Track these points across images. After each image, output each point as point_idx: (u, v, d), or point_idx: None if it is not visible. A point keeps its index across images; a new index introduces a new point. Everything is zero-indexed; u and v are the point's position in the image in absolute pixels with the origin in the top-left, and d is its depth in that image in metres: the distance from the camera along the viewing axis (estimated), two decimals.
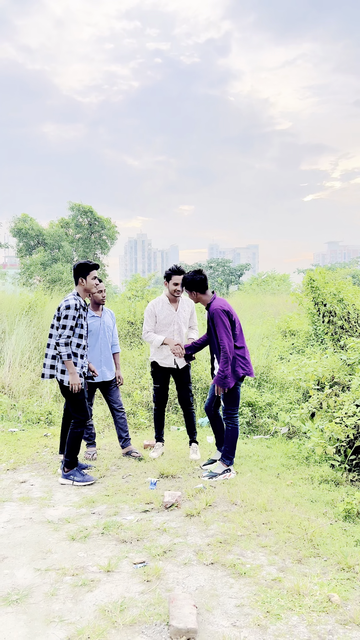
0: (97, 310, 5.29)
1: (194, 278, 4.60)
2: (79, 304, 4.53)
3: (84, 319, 4.65)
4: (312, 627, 2.49)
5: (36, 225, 35.39)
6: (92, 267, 4.64)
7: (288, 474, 4.68)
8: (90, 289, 4.66)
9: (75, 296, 4.58)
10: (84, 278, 4.62)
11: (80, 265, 4.63)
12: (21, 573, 3.01)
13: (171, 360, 5.15)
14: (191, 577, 2.96)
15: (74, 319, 4.47)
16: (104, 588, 2.84)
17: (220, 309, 4.48)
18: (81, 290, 4.65)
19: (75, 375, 4.45)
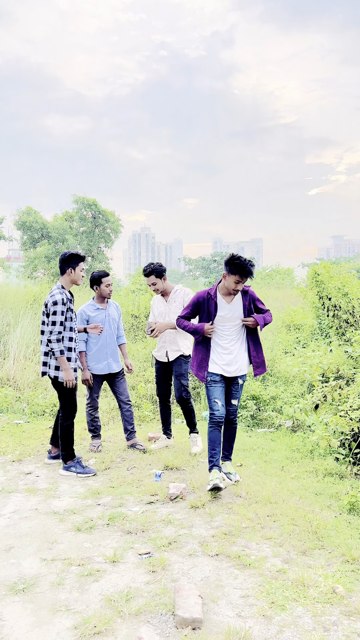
0: (102, 302, 5.30)
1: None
2: (65, 298, 4.49)
3: (73, 312, 4.63)
4: (316, 618, 2.50)
5: (40, 218, 35.39)
6: (82, 259, 4.64)
7: (292, 466, 4.69)
8: (77, 280, 4.63)
9: (60, 289, 4.54)
10: (73, 269, 4.58)
11: (71, 255, 4.58)
12: (27, 563, 3.03)
13: (163, 352, 5.16)
14: (196, 568, 2.97)
15: (62, 314, 4.45)
16: (110, 578, 2.86)
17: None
18: (67, 281, 4.61)
19: (69, 371, 4.46)
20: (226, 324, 4.30)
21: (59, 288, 4.56)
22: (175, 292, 5.13)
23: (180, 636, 2.35)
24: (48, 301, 4.46)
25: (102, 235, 36.87)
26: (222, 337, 4.32)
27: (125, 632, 2.39)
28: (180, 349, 5.09)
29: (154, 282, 5.05)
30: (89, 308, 5.23)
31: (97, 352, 5.22)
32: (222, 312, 4.27)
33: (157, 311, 5.20)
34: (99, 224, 36.80)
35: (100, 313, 5.24)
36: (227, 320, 4.29)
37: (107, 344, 5.27)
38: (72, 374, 4.47)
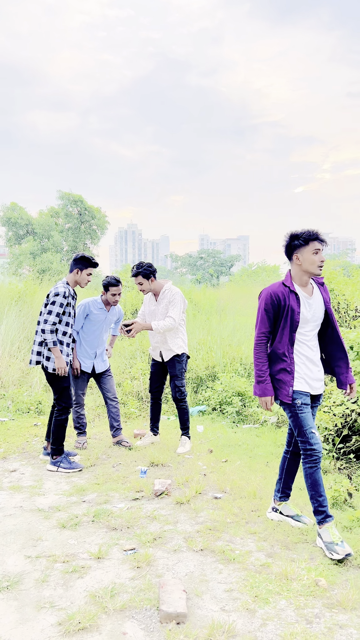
0: (107, 305, 5.29)
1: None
2: (67, 292, 4.56)
3: (73, 308, 4.67)
4: (299, 611, 2.53)
5: (25, 214, 35.12)
6: (92, 265, 4.71)
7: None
8: (82, 282, 4.71)
9: (65, 284, 4.61)
10: (80, 270, 4.68)
11: (82, 258, 4.70)
12: (12, 560, 3.02)
13: (157, 352, 5.18)
14: (181, 564, 2.99)
15: (61, 306, 4.49)
16: (95, 574, 2.87)
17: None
18: (72, 279, 4.69)
19: (61, 359, 4.48)
20: (307, 327, 3.34)
21: (64, 283, 4.63)
22: (163, 292, 5.06)
23: (165, 631, 2.36)
24: (51, 292, 4.54)
25: (88, 232, 36.72)
26: (302, 343, 3.35)
27: (110, 627, 2.40)
28: (172, 349, 5.06)
29: (140, 282, 5.00)
30: (93, 305, 5.19)
31: (87, 350, 5.22)
32: (304, 309, 3.31)
33: (148, 310, 5.19)
34: (84, 220, 36.62)
35: (101, 313, 5.22)
36: (308, 321, 3.33)
37: (98, 344, 5.28)
38: (64, 362, 4.50)
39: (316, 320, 3.36)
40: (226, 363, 7.55)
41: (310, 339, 3.37)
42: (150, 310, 5.14)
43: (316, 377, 3.36)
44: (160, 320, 5.00)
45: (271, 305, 3.29)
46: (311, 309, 3.33)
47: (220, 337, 8.24)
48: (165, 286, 5.07)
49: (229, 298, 14.72)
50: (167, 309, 4.99)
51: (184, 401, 5.12)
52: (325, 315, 3.39)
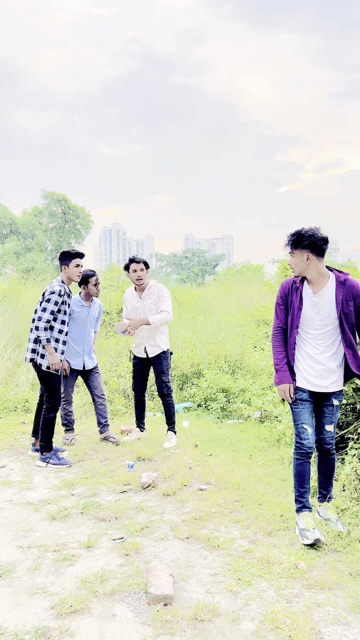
0: (87, 300, 5.38)
1: (315, 235, 3.22)
2: (63, 291, 4.64)
3: (68, 306, 4.76)
4: (280, 592, 2.68)
5: (8, 213, 34.90)
6: (75, 256, 4.75)
7: (260, 455, 4.88)
8: (72, 276, 4.76)
9: (60, 283, 4.70)
10: (66, 266, 4.75)
11: (63, 253, 4.78)
12: (4, 550, 3.12)
13: (141, 348, 5.23)
14: (168, 551, 3.12)
15: (56, 304, 4.57)
16: (85, 562, 2.98)
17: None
18: (65, 277, 4.78)
19: (54, 356, 4.56)
20: (311, 325, 3.32)
21: (59, 281, 4.71)
22: (149, 288, 5.15)
23: (153, 612, 2.49)
24: (47, 290, 4.61)
25: (72, 231, 36.63)
26: (306, 341, 3.36)
27: (100, 610, 2.52)
28: (158, 345, 5.15)
29: (142, 269, 5.06)
30: (74, 303, 5.28)
31: (75, 348, 5.31)
32: (306, 305, 3.31)
33: (131, 306, 5.24)
34: (69, 219, 36.53)
35: (83, 310, 5.31)
36: (311, 320, 3.30)
37: (84, 341, 5.37)
38: (57, 358, 4.58)
39: (324, 320, 3.27)
40: (211, 360, 7.69)
41: (316, 337, 3.31)
42: (134, 307, 5.20)
43: (319, 374, 3.32)
44: (148, 313, 5.10)
45: (281, 299, 3.42)
46: (316, 308, 3.27)
47: (205, 336, 8.39)
48: (150, 283, 5.18)
49: (213, 297, 14.89)
50: (155, 304, 5.09)
51: (170, 396, 5.25)
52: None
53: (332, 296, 3.25)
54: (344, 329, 3.26)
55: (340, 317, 3.24)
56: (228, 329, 9.08)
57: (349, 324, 3.27)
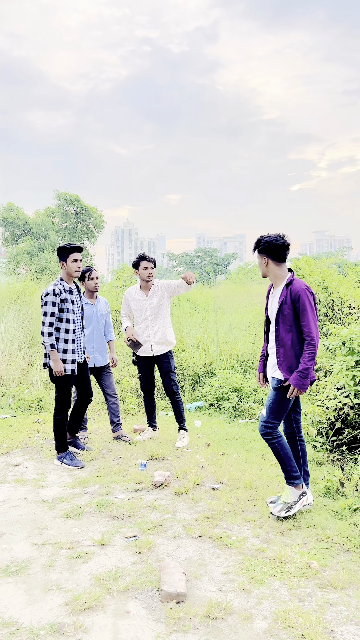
0: (91, 298, 5.42)
1: (275, 240, 3.52)
2: (58, 289, 4.53)
3: (73, 303, 4.67)
4: (292, 591, 2.69)
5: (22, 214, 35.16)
6: (70, 250, 4.61)
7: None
8: (71, 272, 4.66)
9: (57, 281, 4.63)
10: (64, 262, 4.65)
11: (59, 249, 4.64)
12: (19, 547, 3.17)
13: (147, 347, 5.19)
14: (180, 549, 3.14)
15: (54, 305, 4.49)
16: (98, 560, 3.01)
17: (307, 290, 3.49)
18: (64, 274, 4.69)
19: (58, 363, 4.52)
20: (273, 322, 3.61)
21: (57, 280, 4.65)
22: (155, 287, 5.19)
23: (166, 609, 2.51)
24: (42, 294, 4.56)
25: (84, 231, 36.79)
26: (272, 338, 3.65)
27: (114, 607, 2.55)
28: (167, 341, 5.17)
29: (152, 267, 5.09)
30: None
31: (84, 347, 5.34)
32: (268, 302, 3.71)
33: (136, 305, 5.21)
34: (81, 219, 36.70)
35: (88, 308, 5.35)
36: (270, 316, 3.66)
37: (93, 338, 5.41)
38: (61, 365, 4.54)
39: (272, 318, 3.60)
40: (223, 360, 7.70)
41: (272, 332, 3.62)
42: (139, 306, 5.19)
43: (271, 365, 3.64)
44: (156, 311, 5.12)
45: (267, 295, 3.78)
46: (271, 306, 3.63)
47: (217, 335, 8.40)
48: (155, 281, 5.22)
49: (225, 296, 14.87)
50: (159, 303, 5.13)
51: (179, 394, 5.29)
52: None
53: (278, 296, 3.55)
54: (278, 328, 3.53)
55: (277, 317, 3.51)
56: (240, 328, 9.08)
57: (285, 325, 3.49)
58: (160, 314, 5.19)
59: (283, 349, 3.51)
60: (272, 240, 3.52)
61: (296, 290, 3.44)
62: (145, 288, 5.22)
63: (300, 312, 3.43)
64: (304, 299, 3.42)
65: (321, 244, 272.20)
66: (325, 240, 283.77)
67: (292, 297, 3.44)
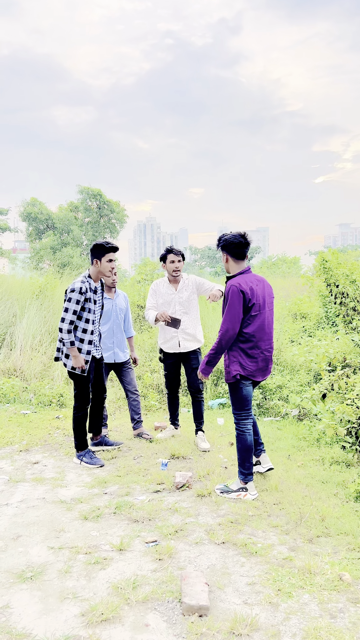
0: (109, 292, 5.28)
1: (233, 238, 3.79)
2: (85, 287, 4.39)
3: (95, 303, 4.54)
4: (323, 605, 2.51)
5: (45, 209, 35.37)
6: (108, 250, 4.45)
7: (299, 455, 4.69)
8: (104, 272, 4.51)
9: (85, 278, 4.47)
10: (98, 260, 4.48)
11: (96, 246, 4.46)
12: (35, 551, 3.05)
13: (174, 343, 4.99)
14: (203, 556, 2.98)
15: (77, 302, 4.34)
16: (117, 566, 2.88)
17: (237, 287, 3.65)
18: (94, 271, 4.52)
19: (79, 358, 4.39)
20: None
21: (84, 277, 4.47)
22: (184, 280, 5.00)
23: (187, 623, 2.36)
24: (67, 288, 4.41)
25: (107, 226, 36.83)
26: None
27: (132, 619, 2.41)
28: (196, 338, 4.99)
29: (179, 260, 4.92)
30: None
31: (104, 341, 5.21)
32: None
33: (163, 299, 5.02)
34: (104, 214, 36.74)
35: (107, 303, 5.21)
36: None
37: (113, 333, 5.26)
38: (82, 360, 4.41)
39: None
40: None
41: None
42: (167, 300, 4.99)
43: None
44: (184, 305, 4.94)
45: None
46: None
47: None
48: (184, 275, 5.05)
49: None
50: (189, 299, 4.95)
51: (202, 393, 5.10)
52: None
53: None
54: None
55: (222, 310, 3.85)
56: None
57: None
58: (190, 309, 4.99)
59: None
60: (231, 239, 3.78)
61: (228, 286, 3.72)
62: (173, 282, 5.03)
63: (224, 306, 3.74)
64: (231, 294, 3.66)
65: (346, 237, 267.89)
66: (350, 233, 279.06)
67: (226, 291, 3.74)
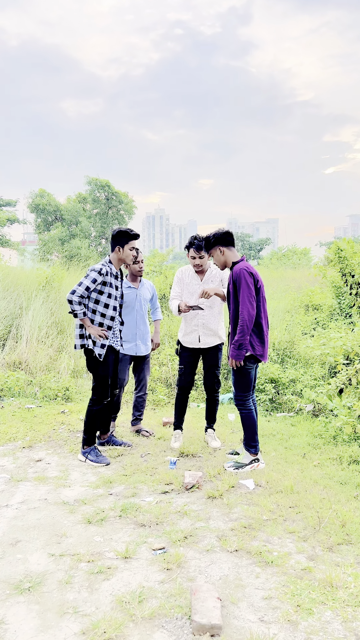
0: (134, 281, 5.02)
1: (217, 233, 4.13)
2: (105, 269, 4.21)
3: (116, 289, 4.33)
4: (347, 624, 2.27)
5: (53, 200, 35.17)
6: (132, 237, 4.30)
7: (315, 453, 4.45)
8: (126, 259, 4.34)
9: (107, 263, 4.28)
10: (121, 247, 4.29)
11: (120, 233, 4.29)
12: (34, 558, 2.85)
13: (194, 337, 4.63)
14: (214, 565, 2.76)
15: (94, 282, 4.14)
16: (122, 576, 2.66)
17: (246, 270, 3.93)
18: (115, 259, 4.33)
19: (94, 328, 4.18)
20: None
21: (106, 261, 4.30)
22: (211, 271, 4.64)
23: None
24: (89, 268, 4.22)
25: (115, 217, 36.57)
26: None
27: (138, 638, 2.19)
28: (218, 334, 4.64)
29: (201, 256, 4.50)
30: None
31: (126, 332, 4.93)
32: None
33: (188, 290, 4.63)
34: (112, 205, 36.48)
35: (131, 292, 4.95)
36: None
37: (136, 325, 4.99)
38: (97, 329, 4.18)
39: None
40: None
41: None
42: (191, 291, 4.62)
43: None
44: (203, 301, 4.57)
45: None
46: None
47: None
48: (212, 267, 4.67)
49: None
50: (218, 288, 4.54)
51: (218, 392, 4.82)
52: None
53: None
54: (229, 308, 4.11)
55: (228, 297, 4.14)
56: (276, 314, 8.60)
57: (232, 304, 4.05)
58: (215, 303, 4.63)
59: (232, 326, 4.05)
60: (217, 232, 4.12)
61: (236, 271, 3.95)
62: (200, 272, 4.67)
63: (238, 290, 3.91)
64: (240, 278, 3.89)
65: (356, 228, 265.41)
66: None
67: (234, 277, 3.95)
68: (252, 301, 3.91)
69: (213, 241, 4.12)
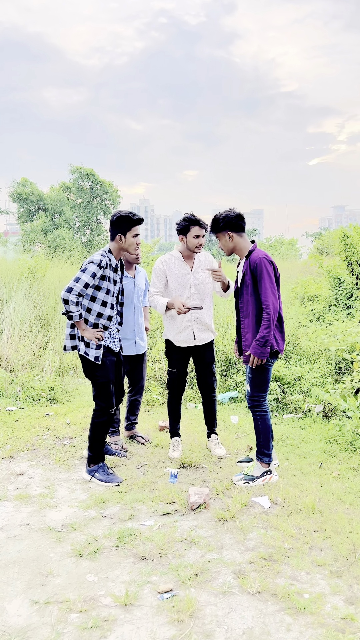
0: (130, 269, 4.37)
1: (227, 215, 3.60)
2: (105, 262, 3.56)
3: (114, 284, 3.68)
4: None
5: (36, 189, 34.24)
6: (135, 222, 3.62)
7: (332, 462, 3.97)
8: (129, 248, 3.66)
9: (105, 253, 3.62)
10: (123, 235, 3.62)
11: (120, 218, 3.59)
12: (14, 607, 2.33)
13: (188, 334, 4.07)
14: (234, 614, 2.27)
15: (93, 276, 3.47)
16: (122, 632, 2.16)
17: (266, 259, 3.51)
18: (116, 248, 3.66)
19: (88, 330, 3.54)
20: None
21: (104, 251, 3.63)
22: (199, 258, 4.10)
23: None
24: (86, 260, 3.55)
25: (100, 207, 35.77)
26: None
27: None
28: (211, 329, 4.16)
29: (204, 235, 3.97)
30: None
31: (124, 329, 4.29)
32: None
33: (177, 281, 4.03)
34: (97, 195, 35.66)
35: (128, 282, 4.31)
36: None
37: (134, 319, 4.35)
38: (93, 331, 3.55)
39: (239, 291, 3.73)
40: None
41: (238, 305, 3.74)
42: (182, 282, 4.04)
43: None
44: (196, 294, 4.04)
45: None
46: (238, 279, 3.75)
47: None
48: (203, 252, 4.15)
49: None
50: (208, 279, 4.09)
51: (215, 391, 4.32)
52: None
53: (241, 268, 3.65)
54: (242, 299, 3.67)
55: (241, 288, 3.65)
56: None
57: (247, 296, 3.59)
58: (206, 294, 4.11)
59: (247, 320, 3.61)
60: (228, 215, 3.60)
61: (254, 260, 3.51)
62: (188, 259, 4.08)
63: (258, 280, 3.47)
64: (261, 267, 3.46)
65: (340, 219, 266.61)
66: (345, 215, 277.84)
67: (251, 266, 3.51)
68: (275, 292, 3.49)
69: (222, 225, 3.61)
